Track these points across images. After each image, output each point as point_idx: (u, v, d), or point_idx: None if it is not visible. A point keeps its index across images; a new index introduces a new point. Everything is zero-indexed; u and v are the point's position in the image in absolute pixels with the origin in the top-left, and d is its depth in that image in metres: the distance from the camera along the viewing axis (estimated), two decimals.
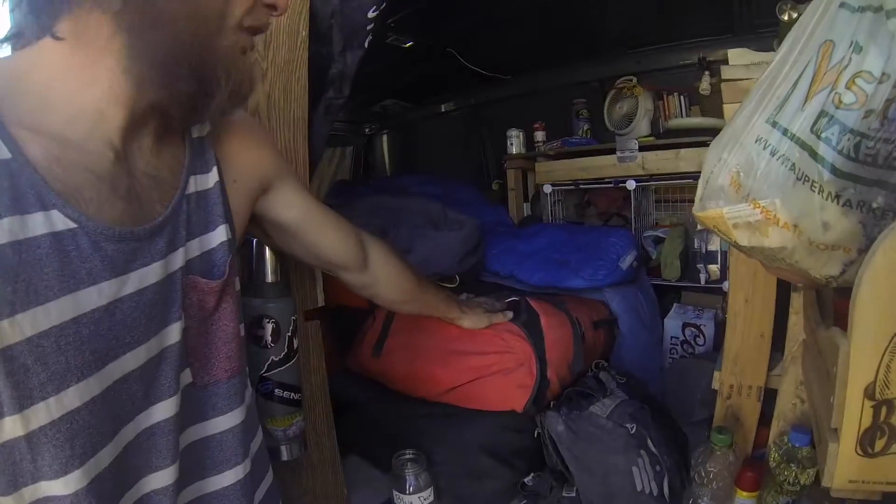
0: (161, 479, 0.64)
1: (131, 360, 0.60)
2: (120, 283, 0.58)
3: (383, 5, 1.31)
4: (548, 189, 2.65)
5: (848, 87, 0.60)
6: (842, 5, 0.62)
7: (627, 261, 2.10)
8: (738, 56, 1.82)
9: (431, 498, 1.46)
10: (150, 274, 0.62)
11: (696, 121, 2.33)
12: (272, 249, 1.10)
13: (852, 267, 0.66)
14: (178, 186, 0.68)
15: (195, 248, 0.70)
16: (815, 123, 0.63)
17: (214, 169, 0.74)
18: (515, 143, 2.89)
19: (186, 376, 0.70)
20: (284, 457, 1.17)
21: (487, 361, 1.59)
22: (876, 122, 0.60)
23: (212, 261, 0.72)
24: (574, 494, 1.40)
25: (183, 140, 0.72)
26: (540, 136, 2.90)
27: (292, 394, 1.16)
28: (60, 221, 0.53)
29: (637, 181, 2.38)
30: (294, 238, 0.99)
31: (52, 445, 0.53)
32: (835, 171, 0.63)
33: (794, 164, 0.65)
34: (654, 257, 2.44)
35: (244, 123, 0.84)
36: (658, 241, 2.46)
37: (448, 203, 2.14)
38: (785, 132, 0.66)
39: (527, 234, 2.37)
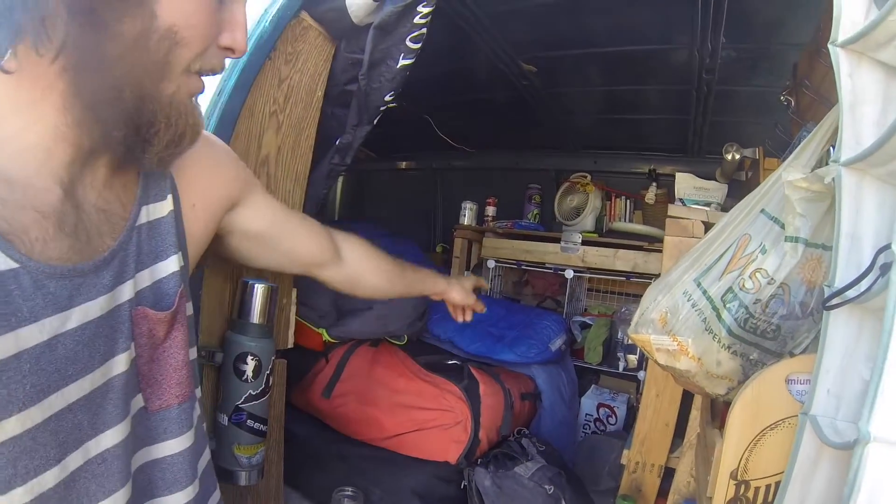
0: (113, 502, 0.65)
1: (74, 391, 0.60)
2: (62, 318, 0.59)
3: (399, 90, 1.49)
4: (491, 264, 2.92)
5: (750, 277, 0.92)
6: (762, 211, 0.95)
7: (557, 343, 2.41)
8: (684, 180, 2.20)
9: None
10: (94, 308, 0.62)
11: (639, 227, 2.64)
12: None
13: (733, 391, 0.98)
14: (127, 218, 0.69)
15: (145, 278, 0.71)
16: (724, 294, 0.95)
17: (170, 197, 0.75)
18: (468, 214, 3.14)
19: (138, 402, 0.71)
20: (243, 482, 1.25)
21: (429, 416, 1.84)
22: (760, 307, 0.93)
23: (162, 290, 0.73)
24: None
25: (138, 169, 0.72)
26: (491, 211, 3.18)
27: (261, 425, 1.26)
28: (2, 262, 0.54)
29: (575, 271, 2.70)
30: (267, 246, 1.00)
31: None
32: (730, 331, 0.95)
33: (705, 318, 0.97)
34: (579, 340, 2.74)
35: (203, 145, 0.80)
36: (585, 326, 2.78)
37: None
38: (704, 293, 0.97)
39: None
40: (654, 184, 2.81)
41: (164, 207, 0.74)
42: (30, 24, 0.53)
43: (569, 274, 2.70)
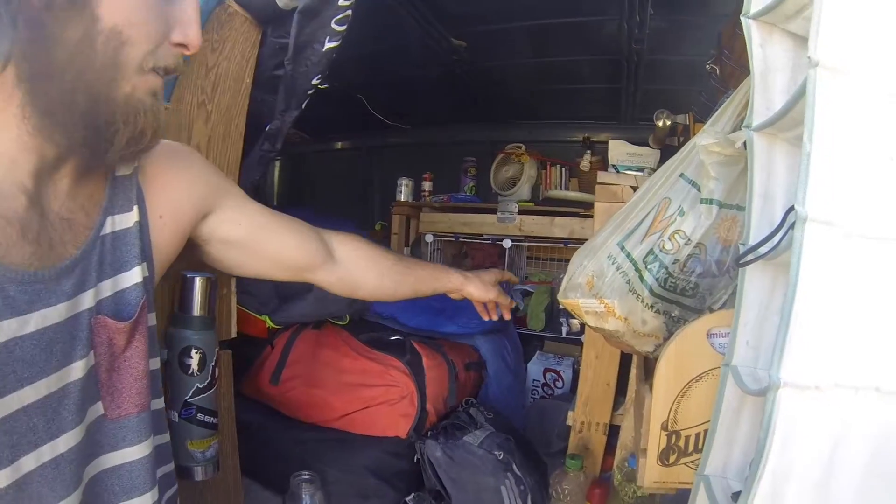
0: None
1: (31, 394, 0.61)
2: (21, 322, 0.60)
3: (326, 73, 1.48)
4: (429, 238, 2.94)
5: (670, 238, 0.97)
6: (681, 175, 1.00)
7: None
8: (616, 146, 2.25)
9: None
10: (52, 314, 0.64)
11: (574, 194, 2.70)
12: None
13: (660, 348, 1.04)
14: (92, 227, 0.70)
15: (107, 288, 0.72)
16: (646, 256, 1.00)
17: (135, 208, 0.75)
18: (405, 190, 3.16)
19: (97, 409, 0.72)
20: (199, 476, 1.25)
21: (375, 393, 1.86)
22: (678, 268, 0.98)
23: (124, 300, 0.74)
24: None
25: (105, 179, 0.73)
26: (428, 185, 3.21)
27: (212, 418, 1.25)
28: None
29: (513, 240, 2.74)
30: (250, 252, 0.98)
31: None
32: (651, 291, 1.00)
33: (629, 280, 1.02)
34: (521, 309, 2.77)
35: (172, 155, 0.84)
36: (526, 294, 2.83)
37: None
38: (628, 255, 1.02)
39: None
40: (589, 151, 2.87)
41: (129, 219, 0.75)
42: None
43: (507, 244, 2.74)
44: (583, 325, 2.53)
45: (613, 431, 1.77)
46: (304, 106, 1.56)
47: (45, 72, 0.59)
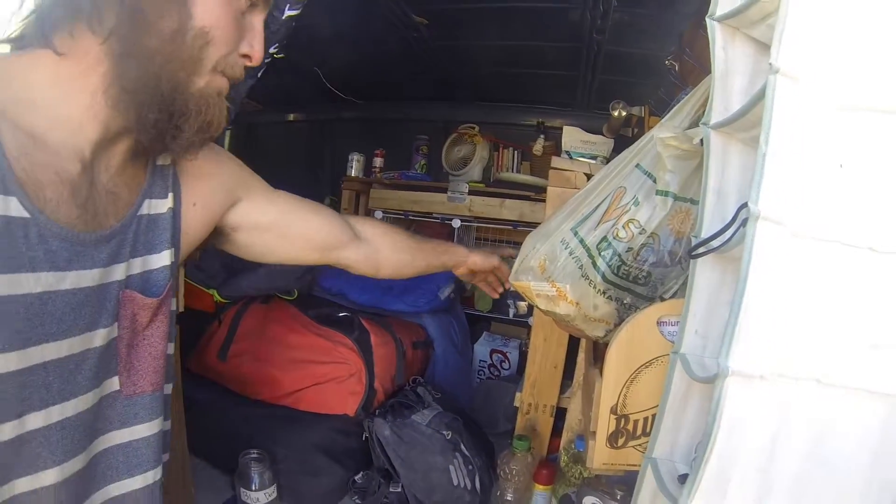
0: (60, 472, 0.68)
1: (52, 350, 0.64)
2: (58, 277, 0.64)
3: (284, 42, 1.46)
4: (379, 215, 2.93)
5: (624, 227, 1.00)
6: (637, 166, 1.02)
7: (446, 292, 2.48)
8: (571, 133, 2.28)
9: (275, 494, 1.68)
10: (87, 277, 0.67)
11: (525, 178, 2.72)
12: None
13: (610, 333, 1.07)
14: (131, 205, 0.75)
15: (137, 266, 0.76)
16: (599, 242, 1.03)
17: (170, 195, 0.80)
18: (356, 166, 3.13)
19: (114, 384, 0.75)
20: None
21: (324, 370, 1.87)
22: (631, 256, 1.01)
23: (151, 280, 0.78)
24: (399, 490, 1.73)
25: (146, 165, 0.78)
26: (379, 162, 3.18)
27: None
28: (16, 209, 0.59)
29: (462, 220, 2.76)
30: (280, 235, 1.03)
31: None
32: (604, 277, 1.03)
33: (581, 265, 1.04)
34: (468, 289, 2.81)
35: (207, 148, 0.86)
36: None
37: None
38: (581, 241, 1.04)
39: None
40: (542, 136, 2.89)
41: (164, 204, 0.80)
42: (88, 5, 0.62)
43: (456, 223, 2.75)
44: (530, 308, 2.61)
45: (560, 414, 1.82)
46: (259, 75, 1.51)
47: (135, 52, 0.64)
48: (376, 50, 2.47)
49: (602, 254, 1.02)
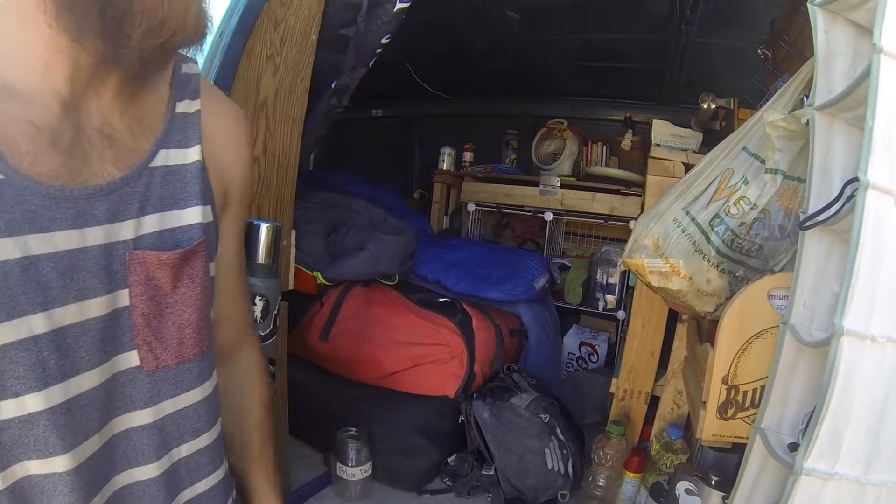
0: (73, 457, 0.60)
1: (41, 322, 0.56)
2: (40, 240, 0.56)
3: (394, 33, 1.57)
4: (471, 207, 3.04)
5: (735, 204, 1.07)
6: (743, 149, 1.09)
7: (540, 282, 2.55)
8: (660, 126, 2.32)
9: (370, 472, 1.77)
10: (76, 237, 0.59)
11: (617, 172, 2.76)
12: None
13: (720, 308, 1.15)
14: (141, 155, 0.65)
15: (152, 223, 0.66)
16: (712, 219, 1.11)
17: (197, 147, 0.71)
18: (447, 160, 3.23)
19: (131, 359, 0.66)
20: None
21: (426, 351, 1.96)
22: (744, 230, 1.09)
23: (173, 240, 0.68)
24: (492, 472, 1.81)
25: (164, 110, 0.69)
26: (468, 156, 3.28)
27: (271, 367, 1.31)
28: None
29: (554, 213, 2.83)
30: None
31: None
32: (718, 251, 1.11)
33: (695, 241, 1.12)
34: (558, 282, 2.88)
35: (236, 118, 0.80)
36: (564, 268, 2.93)
37: (374, 205, 2.47)
38: (693, 219, 1.12)
39: (449, 245, 2.75)
40: (630, 131, 2.93)
41: (188, 155, 0.70)
42: None
43: (548, 216, 2.83)
44: (619, 302, 2.65)
45: (653, 402, 1.87)
46: (371, 64, 1.65)
47: None
48: (467, 45, 2.55)
49: (715, 230, 1.10)
